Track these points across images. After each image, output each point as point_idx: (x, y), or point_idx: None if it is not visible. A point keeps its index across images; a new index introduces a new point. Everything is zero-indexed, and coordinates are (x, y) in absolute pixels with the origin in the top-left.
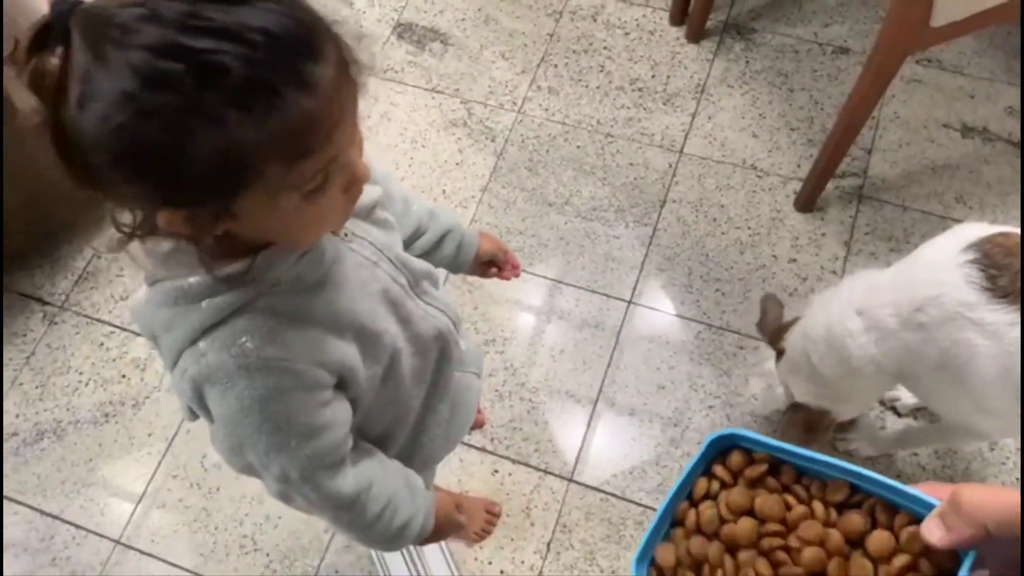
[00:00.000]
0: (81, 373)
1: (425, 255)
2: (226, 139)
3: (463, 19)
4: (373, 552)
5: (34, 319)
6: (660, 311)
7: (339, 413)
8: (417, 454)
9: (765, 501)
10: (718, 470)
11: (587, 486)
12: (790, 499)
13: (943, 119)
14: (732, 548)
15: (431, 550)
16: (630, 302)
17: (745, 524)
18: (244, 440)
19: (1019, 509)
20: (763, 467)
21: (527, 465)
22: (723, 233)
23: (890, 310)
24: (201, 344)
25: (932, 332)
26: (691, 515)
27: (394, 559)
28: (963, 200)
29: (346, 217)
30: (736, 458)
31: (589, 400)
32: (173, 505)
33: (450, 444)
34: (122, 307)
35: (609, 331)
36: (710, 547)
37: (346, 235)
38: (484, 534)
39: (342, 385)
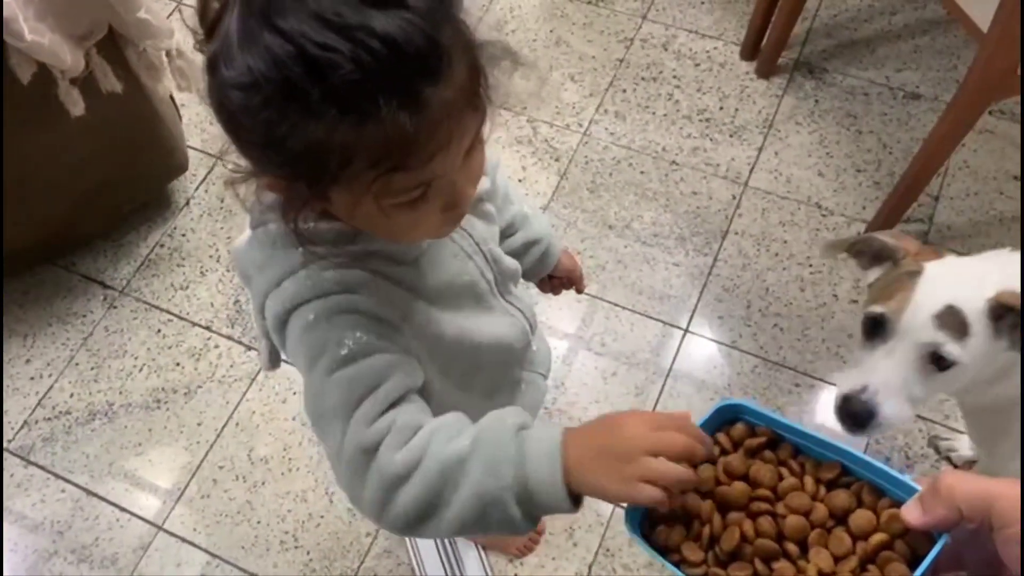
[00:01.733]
0: (136, 358)
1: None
2: (319, 133)
3: (535, 39)
4: (413, 559)
5: (95, 301)
6: (716, 342)
7: (399, 361)
8: None
9: (760, 469)
10: (721, 438)
11: None
12: (783, 471)
13: (1013, 171)
14: (723, 508)
15: (471, 562)
16: (686, 331)
17: (738, 487)
18: (314, 365)
19: (990, 495)
20: (763, 439)
21: None
22: (784, 269)
23: None
24: (285, 283)
25: None
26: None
27: (434, 569)
28: None
29: (443, 233)
30: (739, 429)
31: None
32: (217, 496)
33: None
34: (181, 296)
35: (663, 358)
36: (703, 504)
37: None
38: (526, 550)
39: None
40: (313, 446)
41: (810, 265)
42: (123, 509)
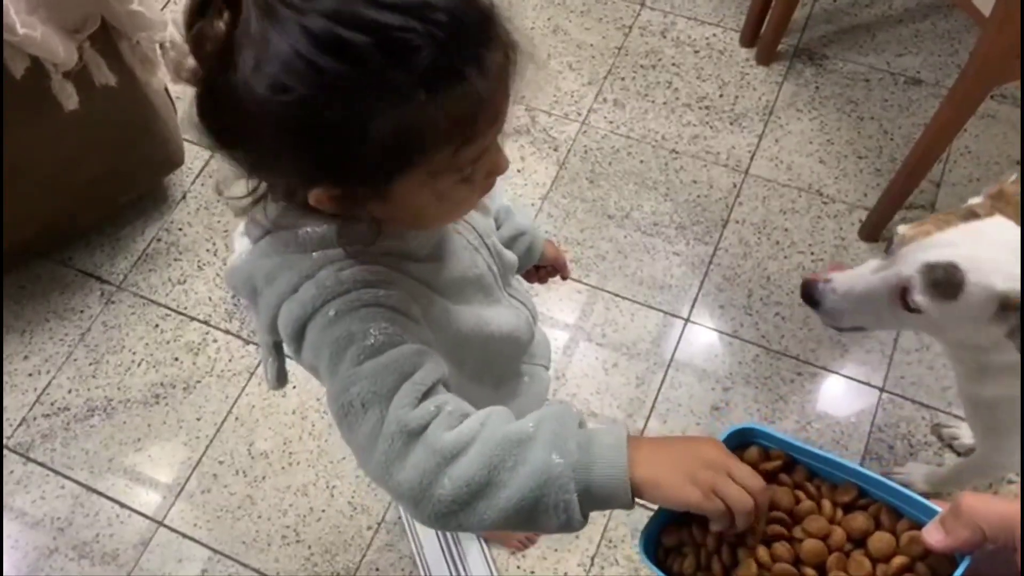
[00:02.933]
0: (134, 353)
1: None
2: (408, 118)
3: (532, 27)
4: (416, 552)
5: (92, 297)
6: (717, 331)
7: (426, 352)
8: None
9: (776, 491)
10: None
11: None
12: (800, 494)
13: (1016, 156)
14: (740, 534)
15: (473, 555)
16: (687, 320)
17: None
18: (335, 359)
19: (1016, 517)
20: (778, 463)
21: None
22: (786, 257)
23: None
24: (303, 287)
25: None
26: None
27: (436, 562)
28: None
29: (471, 207)
30: (753, 453)
31: (641, 416)
32: (218, 491)
33: None
34: (179, 291)
35: (664, 348)
36: (709, 535)
37: None
38: (528, 542)
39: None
40: (313, 440)
41: (812, 253)
42: (123, 505)
